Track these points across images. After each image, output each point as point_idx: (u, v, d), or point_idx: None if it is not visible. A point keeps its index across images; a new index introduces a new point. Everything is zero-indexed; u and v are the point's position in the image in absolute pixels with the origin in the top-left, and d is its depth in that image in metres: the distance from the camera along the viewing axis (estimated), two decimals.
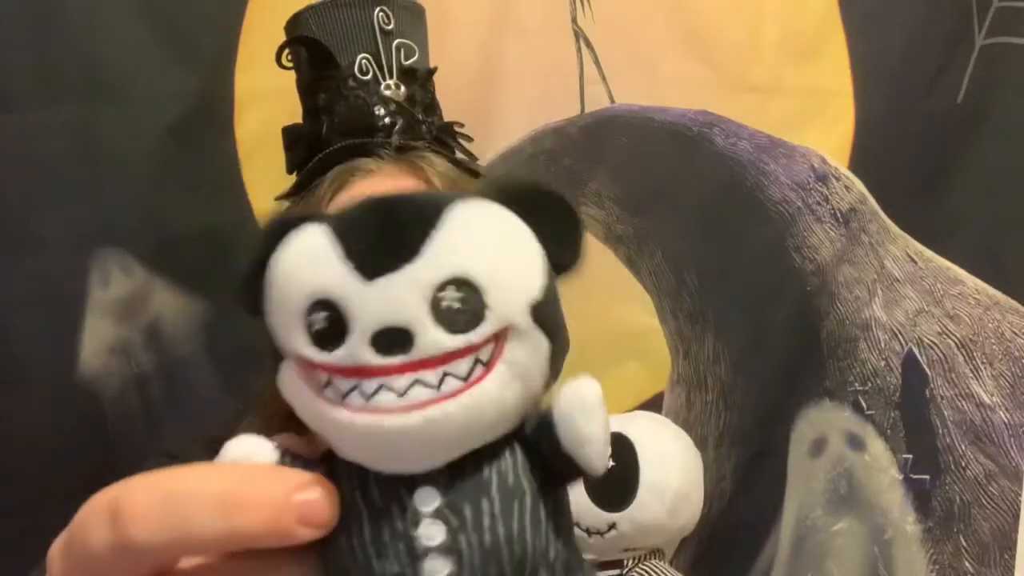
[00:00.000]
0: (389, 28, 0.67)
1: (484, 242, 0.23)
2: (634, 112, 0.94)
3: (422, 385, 0.22)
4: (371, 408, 0.22)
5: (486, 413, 0.22)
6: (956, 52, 0.96)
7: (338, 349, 0.22)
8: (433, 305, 0.22)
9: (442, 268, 0.22)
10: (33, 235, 0.85)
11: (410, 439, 0.22)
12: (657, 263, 0.95)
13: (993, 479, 0.95)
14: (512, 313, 0.22)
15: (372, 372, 0.22)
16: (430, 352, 0.22)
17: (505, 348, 0.22)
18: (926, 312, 0.96)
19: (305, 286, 0.22)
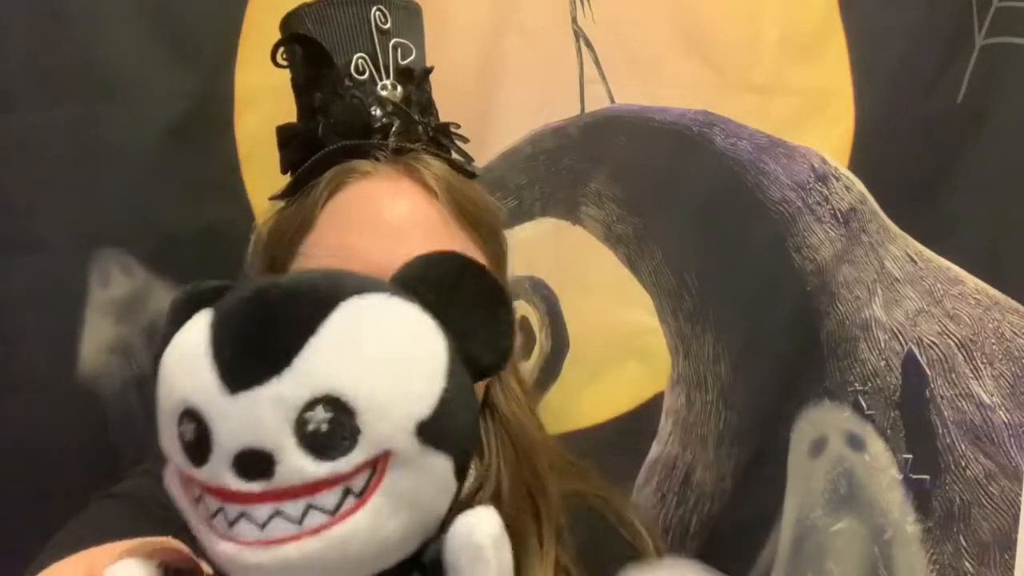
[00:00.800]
0: (386, 27, 0.67)
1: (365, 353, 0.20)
2: (634, 112, 0.94)
3: (283, 518, 0.19)
4: (231, 536, 0.20)
5: (357, 549, 0.20)
6: (956, 52, 0.96)
7: (204, 466, 0.20)
8: (297, 427, 0.19)
9: (310, 385, 0.19)
10: (33, 235, 0.85)
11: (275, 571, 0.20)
12: (657, 263, 0.95)
13: (993, 479, 0.95)
14: (391, 437, 0.20)
15: (233, 497, 0.20)
16: (292, 481, 0.19)
17: (385, 476, 0.20)
18: (926, 312, 0.96)
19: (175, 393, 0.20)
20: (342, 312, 0.20)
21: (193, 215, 0.88)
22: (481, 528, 0.20)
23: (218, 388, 0.19)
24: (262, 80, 0.87)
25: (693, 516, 0.96)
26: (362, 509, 0.19)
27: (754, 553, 0.97)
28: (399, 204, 0.63)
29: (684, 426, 0.96)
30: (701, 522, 0.96)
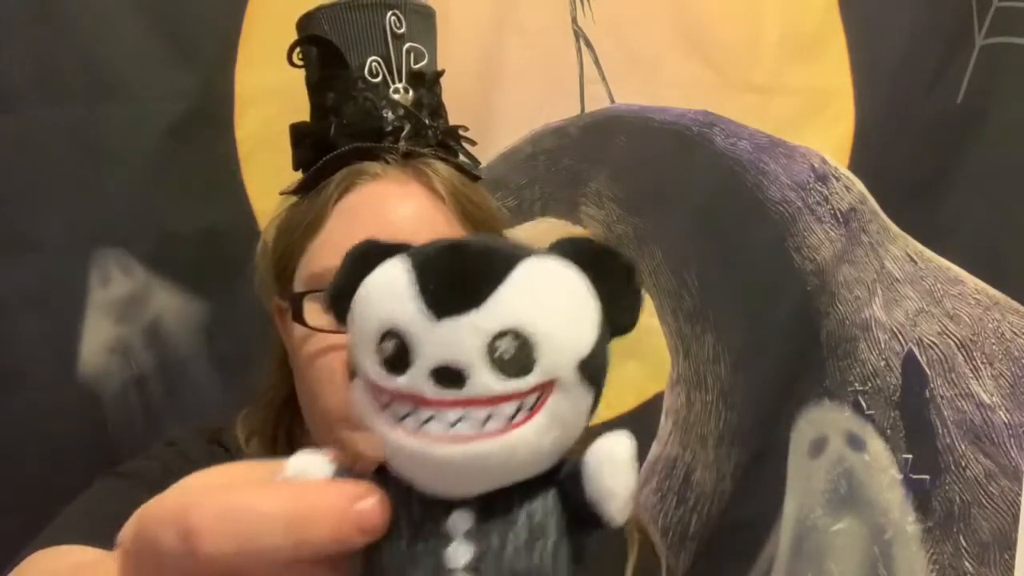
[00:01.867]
0: (400, 32, 0.68)
1: (543, 300, 0.25)
2: (634, 112, 0.94)
3: (468, 422, 0.24)
4: (422, 434, 0.24)
5: (522, 455, 0.24)
6: (956, 52, 0.96)
7: (402, 376, 0.24)
8: (489, 351, 0.24)
9: (501, 319, 0.24)
10: (33, 235, 0.85)
11: (451, 467, 0.24)
12: (657, 263, 0.95)
13: (993, 479, 0.95)
14: (559, 368, 0.24)
15: (427, 403, 0.24)
16: (480, 393, 0.24)
17: (550, 398, 0.24)
18: (926, 312, 0.96)
19: (380, 316, 0.25)
20: (525, 266, 0.24)
21: (193, 215, 0.88)
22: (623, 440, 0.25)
23: (423, 315, 0.24)
24: (262, 80, 0.88)
25: (693, 516, 0.96)
26: (530, 422, 0.24)
27: (754, 553, 0.97)
28: (407, 206, 0.65)
29: (684, 426, 0.96)
30: (701, 522, 0.96)
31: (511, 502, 0.25)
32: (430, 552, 0.25)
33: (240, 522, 0.25)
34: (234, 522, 0.25)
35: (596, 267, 0.26)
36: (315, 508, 0.25)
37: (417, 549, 0.25)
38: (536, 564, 0.25)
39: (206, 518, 0.24)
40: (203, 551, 0.24)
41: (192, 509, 0.25)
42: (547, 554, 0.25)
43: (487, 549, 0.25)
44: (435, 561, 0.25)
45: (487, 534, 0.25)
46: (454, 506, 0.25)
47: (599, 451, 0.25)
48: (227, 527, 0.24)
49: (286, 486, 0.26)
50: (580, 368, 0.25)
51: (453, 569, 0.25)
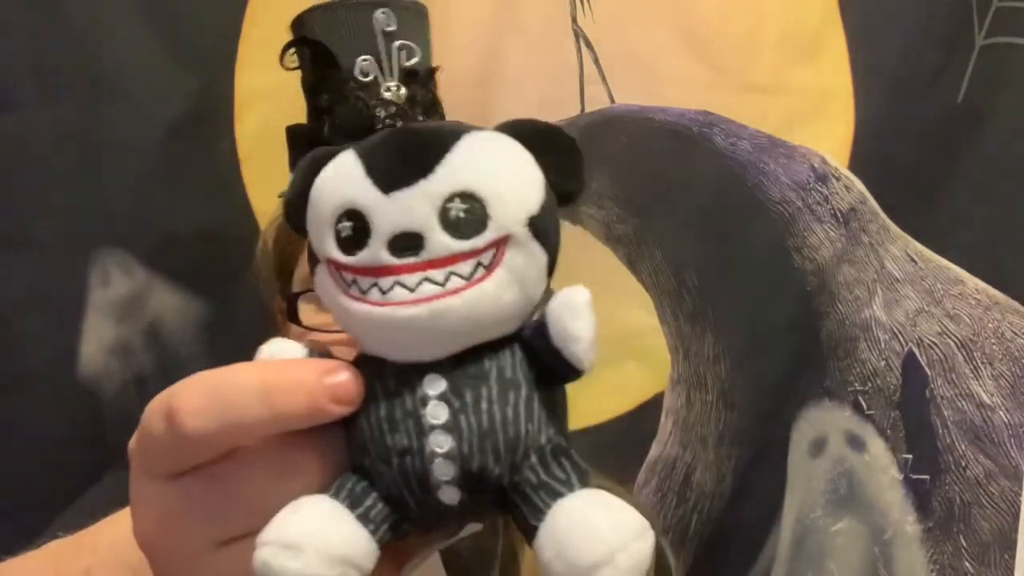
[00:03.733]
0: (391, 29, 0.68)
1: (489, 163, 0.26)
2: (634, 112, 0.94)
3: (430, 282, 0.25)
4: (386, 301, 0.25)
5: (485, 309, 0.26)
6: (956, 52, 0.95)
7: (361, 252, 0.26)
8: (442, 214, 0.25)
9: (451, 183, 0.25)
10: (33, 235, 0.85)
11: (419, 327, 0.25)
12: (657, 263, 0.95)
13: (993, 479, 0.95)
14: (511, 223, 0.26)
15: (388, 271, 0.25)
16: (438, 253, 0.25)
17: (505, 255, 0.26)
18: (926, 312, 0.96)
19: (334, 199, 0.26)
20: (469, 138, 0.27)
21: (193, 215, 0.88)
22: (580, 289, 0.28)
23: (375, 190, 0.25)
24: (262, 80, 0.88)
25: (693, 516, 0.96)
26: (489, 278, 0.25)
27: (754, 553, 0.97)
28: None
29: (684, 426, 0.96)
30: (701, 522, 0.96)
31: (480, 361, 0.27)
32: (408, 415, 0.26)
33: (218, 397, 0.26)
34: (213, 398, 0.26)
35: (538, 141, 0.28)
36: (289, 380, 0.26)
37: (396, 415, 0.26)
38: (511, 416, 0.26)
39: (187, 397, 0.26)
40: (187, 429, 0.25)
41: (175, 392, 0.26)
42: (520, 405, 0.26)
43: (462, 406, 0.26)
44: (414, 422, 0.26)
45: (460, 393, 0.26)
46: (426, 371, 0.27)
47: (558, 299, 0.28)
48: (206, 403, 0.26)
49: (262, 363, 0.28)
50: (531, 225, 0.27)
51: (433, 426, 0.26)
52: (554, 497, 0.26)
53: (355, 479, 0.27)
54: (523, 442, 0.27)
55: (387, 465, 0.26)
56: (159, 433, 0.26)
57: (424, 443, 0.26)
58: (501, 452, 0.26)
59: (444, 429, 0.26)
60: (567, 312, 0.27)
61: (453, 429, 0.26)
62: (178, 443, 0.26)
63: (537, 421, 0.27)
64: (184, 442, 0.26)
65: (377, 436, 0.27)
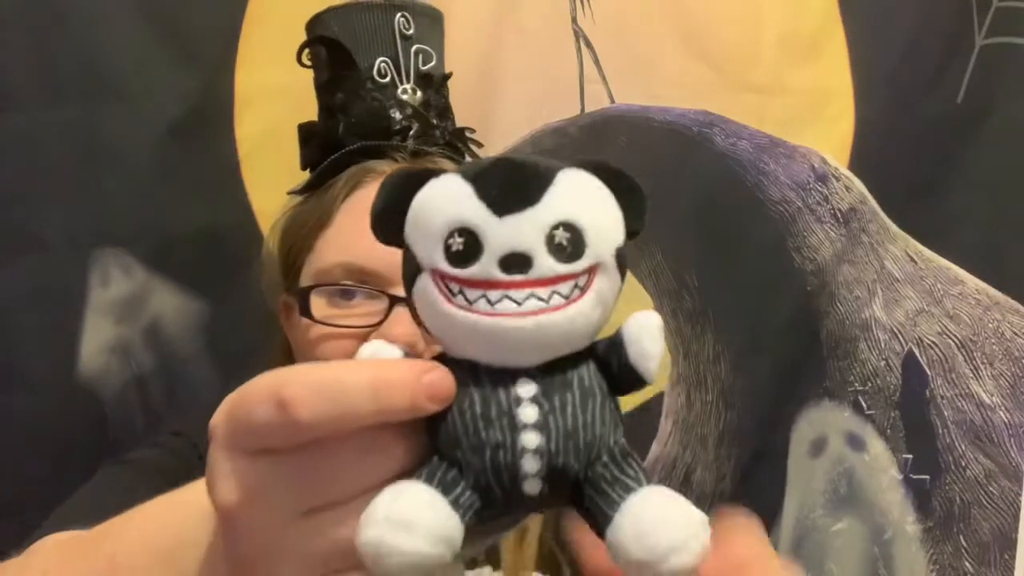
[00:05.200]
0: (409, 33, 0.68)
1: (587, 199, 0.30)
2: (634, 112, 0.94)
3: (536, 298, 0.28)
4: (495, 312, 0.28)
5: (579, 325, 0.29)
6: (956, 52, 0.96)
7: (472, 266, 0.29)
8: (548, 240, 0.29)
9: (556, 213, 0.29)
10: (33, 235, 0.85)
11: (523, 337, 0.29)
12: (657, 263, 0.95)
13: (993, 479, 0.95)
14: (604, 252, 0.30)
15: (499, 285, 0.28)
16: (544, 274, 0.28)
17: (596, 279, 0.29)
18: (926, 312, 0.96)
19: (447, 215, 0.29)
20: (565, 174, 0.30)
21: (193, 215, 0.88)
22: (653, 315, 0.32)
23: (488, 213, 0.29)
24: (262, 80, 0.88)
25: None
26: (584, 297, 0.29)
27: None
28: None
29: (684, 426, 0.96)
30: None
31: (565, 370, 0.30)
32: (503, 413, 0.29)
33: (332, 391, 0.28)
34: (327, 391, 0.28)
35: (615, 182, 0.31)
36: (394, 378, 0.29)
37: (491, 413, 0.29)
38: (590, 419, 0.30)
39: (301, 390, 0.28)
40: (301, 419, 0.27)
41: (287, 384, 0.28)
42: (596, 410, 0.30)
43: (551, 408, 0.29)
44: (508, 420, 0.29)
45: (549, 396, 0.29)
46: (519, 375, 0.30)
47: (637, 321, 0.32)
48: (321, 396, 0.28)
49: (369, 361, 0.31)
50: (616, 255, 0.30)
51: (525, 424, 0.29)
52: (627, 491, 0.30)
53: (444, 467, 0.29)
54: (598, 443, 0.30)
55: (479, 457, 0.29)
56: (266, 418, 0.28)
57: (516, 439, 0.29)
58: (581, 451, 0.30)
59: (535, 428, 0.29)
60: (646, 334, 0.31)
61: (543, 428, 0.29)
62: (287, 429, 0.28)
63: (609, 425, 0.31)
64: (294, 429, 0.28)
65: (472, 431, 0.29)
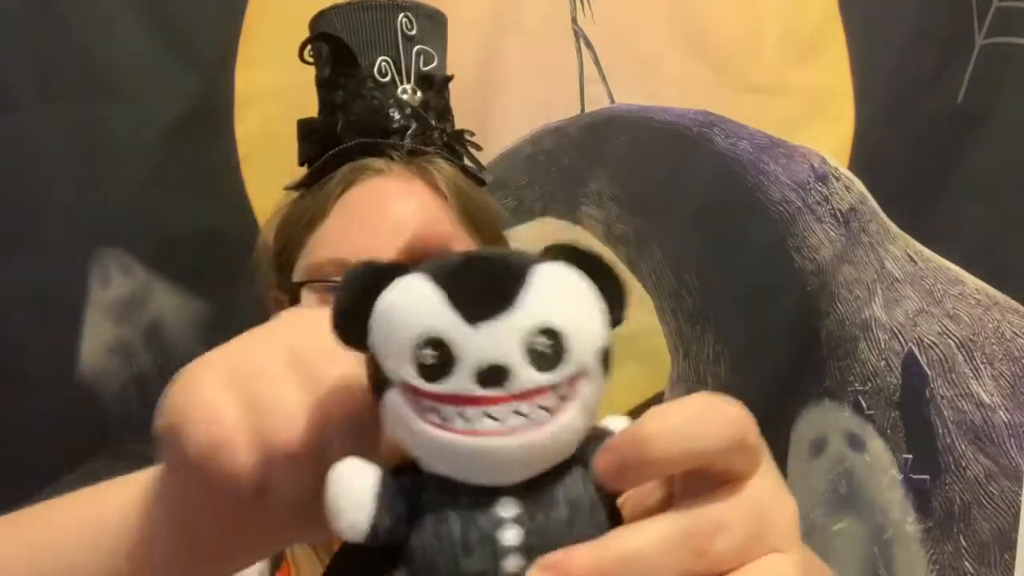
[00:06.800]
0: (411, 33, 0.69)
1: (565, 299, 0.27)
2: (634, 112, 0.94)
3: (518, 414, 0.26)
4: (474, 431, 0.26)
5: (565, 439, 0.27)
6: (956, 52, 0.96)
7: (446, 381, 0.26)
8: (527, 348, 0.26)
9: (535, 318, 0.26)
10: (33, 235, 0.85)
11: (504, 457, 0.26)
12: (657, 263, 0.95)
13: (993, 479, 0.95)
14: (587, 358, 0.27)
15: (476, 401, 0.26)
16: (525, 387, 0.26)
17: (579, 386, 0.27)
18: (926, 312, 0.96)
19: (417, 326, 0.27)
20: (540, 271, 0.27)
21: (193, 215, 0.88)
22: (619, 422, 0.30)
23: (461, 322, 0.26)
24: (262, 80, 0.88)
25: None
26: (569, 409, 0.27)
27: None
28: (409, 203, 0.65)
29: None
30: None
31: (550, 484, 0.28)
32: (484, 537, 0.27)
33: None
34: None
35: (593, 273, 0.29)
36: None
37: (471, 537, 0.27)
38: (579, 534, 0.27)
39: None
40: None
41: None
42: (585, 524, 0.28)
43: (535, 528, 0.27)
44: (489, 545, 0.27)
45: (533, 515, 0.27)
46: (499, 494, 0.27)
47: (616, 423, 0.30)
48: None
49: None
50: (600, 357, 0.28)
51: (508, 548, 0.27)
52: None
53: None
54: None
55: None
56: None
57: (499, 566, 0.27)
58: None
59: (518, 551, 0.27)
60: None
61: (527, 550, 0.27)
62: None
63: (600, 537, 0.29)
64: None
65: (450, 561, 0.27)
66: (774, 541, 0.28)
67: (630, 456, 0.27)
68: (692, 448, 0.27)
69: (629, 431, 0.27)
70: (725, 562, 0.27)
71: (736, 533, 0.27)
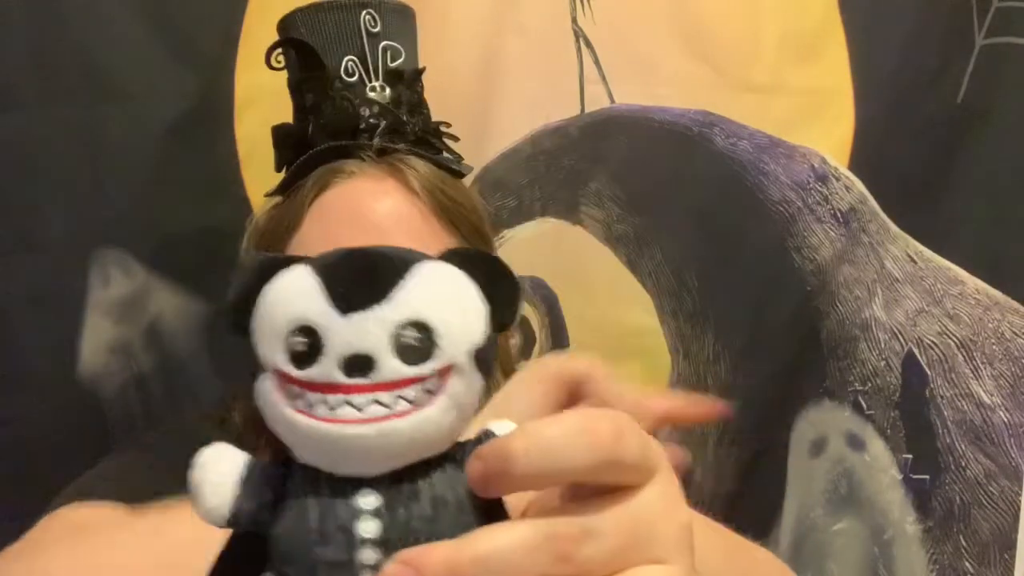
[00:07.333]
0: (376, 30, 0.68)
1: (440, 296, 0.28)
2: (634, 112, 0.94)
3: (379, 404, 0.26)
4: (334, 419, 0.26)
5: (427, 431, 0.27)
6: (956, 52, 0.96)
7: (311, 368, 0.26)
8: (394, 340, 0.26)
9: (405, 312, 0.27)
10: (33, 235, 0.85)
11: (364, 445, 0.26)
12: (657, 263, 0.95)
13: (993, 479, 0.95)
14: (457, 354, 0.27)
15: (339, 389, 0.26)
16: (388, 377, 0.26)
17: (448, 382, 0.27)
18: (926, 312, 0.96)
19: (290, 313, 0.27)
20: (421, 267, 0.28)
21: (193, 215, 0.88)
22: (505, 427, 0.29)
23: (332, 311, 0.27)
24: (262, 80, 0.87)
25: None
26: (433, 403, 0.27)
27: None
28: (381, 203, 0.65)
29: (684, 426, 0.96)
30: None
31: (413, 479, 0.28)
32: (340, 528, 0.27)
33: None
34: None
35: (482, 273, 0.29)
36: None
37: (328, 527, 0.27)
38: (439, 531, 0.27)
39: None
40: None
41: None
42: (449, 524, 0.27)
43: (393, 522, 0.27)
44: (345, 536, 0.27)
45: (393, 509, 0.27)
46: (362, 485, 0.27)
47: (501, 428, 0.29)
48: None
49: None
50: (474, 356, 0.28)
51: (364, 540, 0.27)
52: None
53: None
54: None
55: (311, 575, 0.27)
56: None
57: (354, 556, 0.27)
58: None
59: (375, 544, 0.27)
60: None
61: (384, 544, 0.27)
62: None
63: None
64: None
65: (307, 549, 0.27)
66: (657, 552, 0.28)
67: (494, 468, 0.27)
68: (554, 467, 0.27)
69: (496, 443, 0.27)
70: (593, 569, 0.26)
71: (607, 541, 0.27)
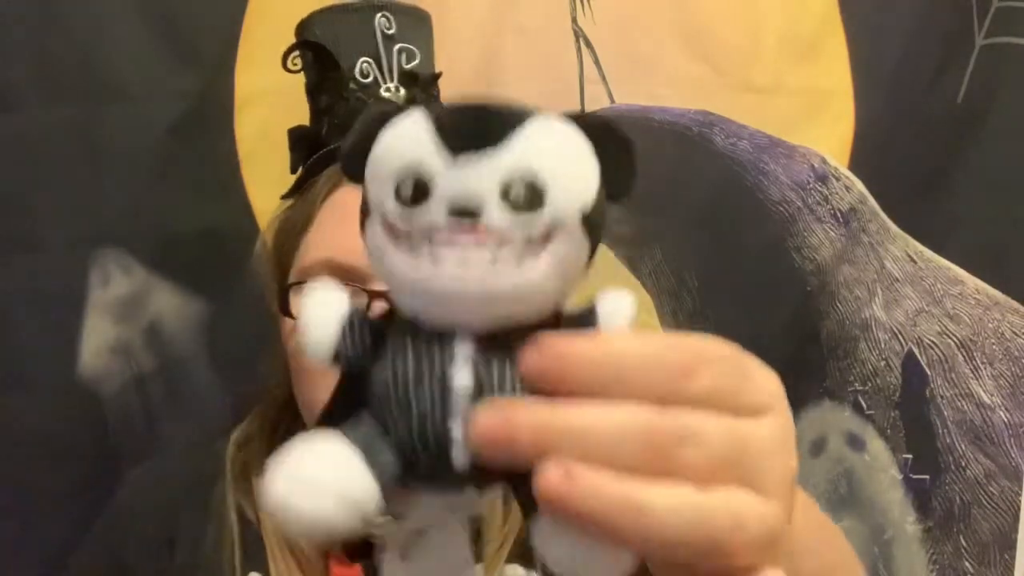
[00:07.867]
0: (391, 32, 0.69)
1: (553, 151, 0.27)
2: (634, 112, 0.94)
3: (480, 253, 0.26)
4: (436, 263, 0.26)
5: (528, 291, 0.26)
6: (956, 52, 0.96)
7: (418, 211, 0.26)
8: (503, 190, 0.26)
9: (515, 162, 0.26)
10: (33, 235, 0.85)
11: (461, 294, 0.26)
12: (657, 263, 0.95)
13: (993, 479, 0.95)
14: (565, 214, 0.27)
15: (443, 233, 0.26)
16: (494, 226, 0.26)
17: (554, 242, 0.26)
18: (926, 312, 0.96)
19: (399, 156, 0.27)
20: (538, 121, 0.26)
21: (193, 215, 0.88)
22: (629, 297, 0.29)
23: (442, 154, 0.26)
24: (262, 80, 0.88)
25: None
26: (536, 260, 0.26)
27: None
28: None
29: None
30: None
31: (510, 340, 0.27)
32: (435, 376, 0.27)
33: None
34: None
35: (599, 136, 0.28)
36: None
37: (423, 374, 0.27)
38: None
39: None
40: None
41: None
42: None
43: (487, 375, 0.27)
44: (440, 384, 0.27)
45: (488, 364, 0.27)
46: (459, 337, 0.27)
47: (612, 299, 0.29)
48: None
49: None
50: (583, 218, 0.27)
51: (459, 387, 0.27)
52: None
53: (370, 424, 0.28)
54: None
55: (406, 419, 0.27)
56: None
57: (447, 404, 0.27)
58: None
59: (467, 394, 0.27)
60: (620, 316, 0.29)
61: (476, 396, 0.27)
62: None
63: None
64: None
65: (402, 391, 0.27)
66: (758, 482, 0.27)
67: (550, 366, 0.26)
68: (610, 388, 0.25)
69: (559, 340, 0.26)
70: (691, 470, 0.25)
71: (709, 449, 0.26)
